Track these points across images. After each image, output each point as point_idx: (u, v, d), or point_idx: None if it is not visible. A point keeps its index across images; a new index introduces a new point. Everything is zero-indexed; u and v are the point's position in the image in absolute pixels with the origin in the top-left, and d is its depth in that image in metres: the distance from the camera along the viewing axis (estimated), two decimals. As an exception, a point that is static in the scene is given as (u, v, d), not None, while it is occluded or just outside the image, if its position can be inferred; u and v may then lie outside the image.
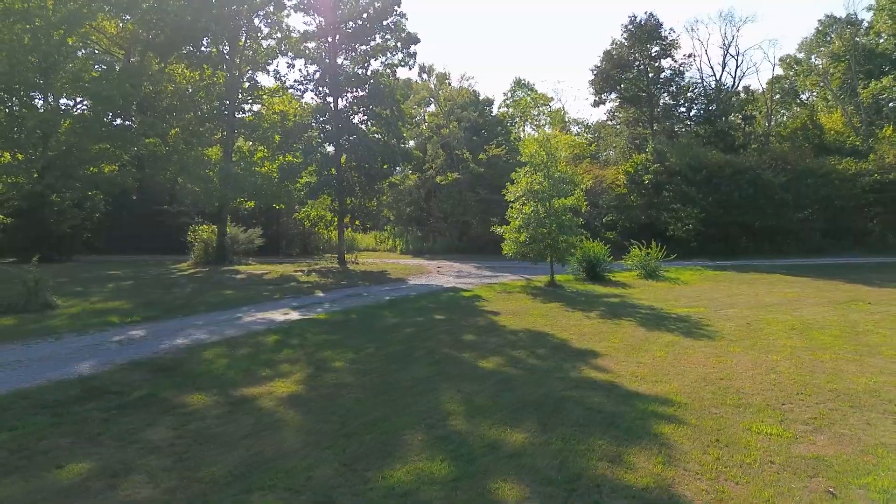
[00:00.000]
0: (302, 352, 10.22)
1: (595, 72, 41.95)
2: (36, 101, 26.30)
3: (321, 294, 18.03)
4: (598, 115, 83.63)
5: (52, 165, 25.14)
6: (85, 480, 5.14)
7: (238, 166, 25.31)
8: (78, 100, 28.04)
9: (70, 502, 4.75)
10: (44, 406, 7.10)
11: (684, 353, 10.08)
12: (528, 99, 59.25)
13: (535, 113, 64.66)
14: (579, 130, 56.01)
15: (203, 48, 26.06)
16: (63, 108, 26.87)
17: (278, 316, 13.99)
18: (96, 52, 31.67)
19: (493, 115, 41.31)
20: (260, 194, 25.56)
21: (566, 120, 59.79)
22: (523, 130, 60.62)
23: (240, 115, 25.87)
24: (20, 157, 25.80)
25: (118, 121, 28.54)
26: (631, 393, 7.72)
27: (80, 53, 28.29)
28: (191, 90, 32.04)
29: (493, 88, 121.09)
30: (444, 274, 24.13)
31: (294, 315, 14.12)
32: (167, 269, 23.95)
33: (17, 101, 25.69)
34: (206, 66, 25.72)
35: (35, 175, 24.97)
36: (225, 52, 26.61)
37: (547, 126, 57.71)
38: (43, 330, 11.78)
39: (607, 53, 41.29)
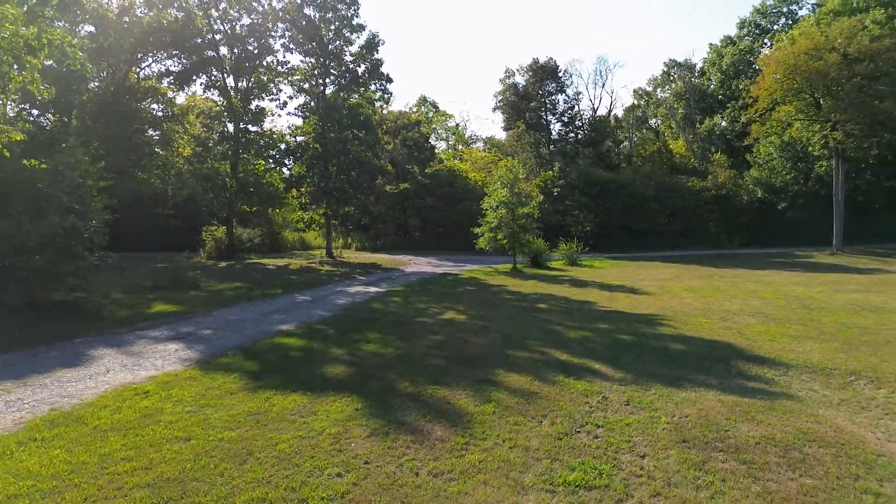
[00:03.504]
0: (428, 304, 16.46)
1: (503, 101, 50.21)
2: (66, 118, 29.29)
3: (363, 277, 23.84)
4: (500, 132, 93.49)
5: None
6: (448, 338, 11.39)
7: (251, 177, 30.09)
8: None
9: (451, 342, 11.03)
10: (352, 323, 12.98)
11: (640, 300, 17.54)
12: (437, 116, 66.65)
13: (439, 129, 72.34)
14: (484, 147, 63.95)
15: (213, 76, 30.46)
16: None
17: (365, 289, 19.86)
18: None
19: (421, 132, 48.03)
20: (268, 201, 30.45)
21: (467, 137, 67.80)
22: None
23: (245, 136, 30.44)
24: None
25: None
26: (635, 313, 14.91)
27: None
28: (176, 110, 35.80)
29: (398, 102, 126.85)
30: (420, 265, 30.45)
31: (376, 288, 20.03)
32: (197, 264, 28.23)
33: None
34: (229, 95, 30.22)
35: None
36: (228, 81, 31.13)
37: (453, 141, 65.66)
38: (236, 298, 16.91)
39: (514, 87, 49.64)
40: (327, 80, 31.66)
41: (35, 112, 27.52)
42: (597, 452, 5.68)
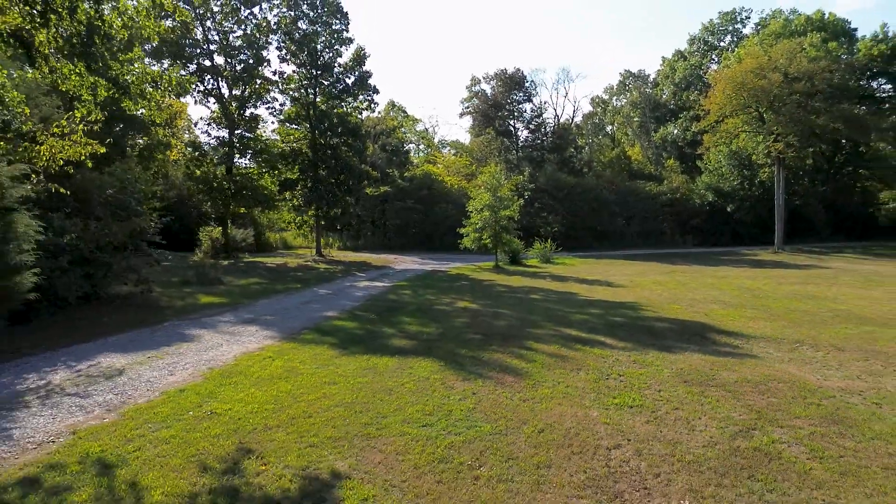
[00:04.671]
0: (437, 296, 18.56)
1: (473, 108, 52.66)
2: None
3: (362, 274, 25.69)
4: (465, 136, 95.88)
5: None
6: (472, 321, 13.54)
7: (248, 181, 31.54)
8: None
9: (477, 324, 13.19)
10: (382, 310, 15.00)
11: (617, 292, 20.04)
12: (406, 121, 68.56)
13: (408, 133, 74.28)
14: (454, 151, 66.21)
15: (210, 85, 31.81)
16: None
17: (371, 284, 21.76)
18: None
19: (398, 138, 49.99)
20: (264, 203, 31.98)
21: (437, 142, 69.98)
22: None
23: (240, 141, 31.89)
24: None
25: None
26: (616, 301, 17.36)
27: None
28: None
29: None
30: (406, 264, 32.37)
31: (381, 283, 21.96)
32: (198, 262, 29.55)
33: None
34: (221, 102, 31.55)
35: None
36: (223, 89, 32.50)
37: (423, 146, 67.82)
38: (265, 292, 18.61)
39: (484, 95, 52.11)
40: (318, 90, 33.36)
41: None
42: (626, 389, 7.94)
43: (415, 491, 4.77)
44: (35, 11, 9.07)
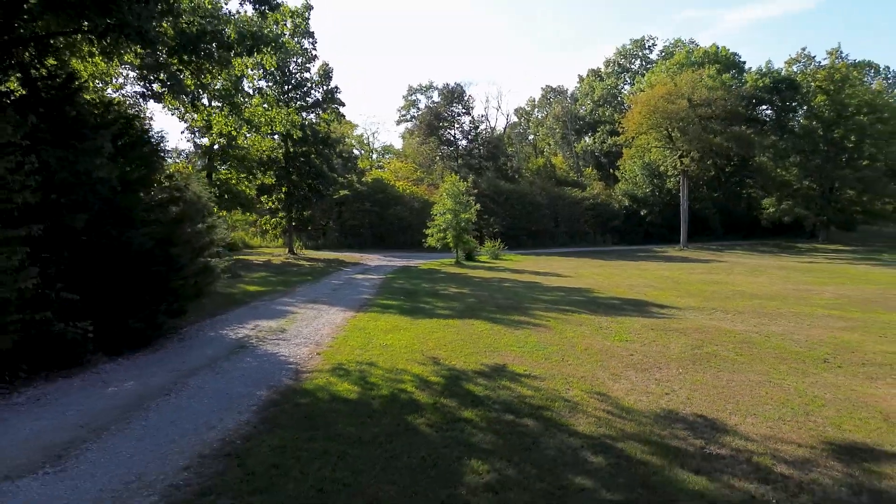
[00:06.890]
0: (431, 284, 22.34)
1: (419, 118, 56.57)
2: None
3: (349, 269, 28.91)
4: (400, 142, 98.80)
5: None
6: (478, 300, 17.48)
7: (231, 185, 33.87)
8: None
9: (484, 302, 17.17)
10: (402, 293, 18.63)
11: (568, 280, 24.60)
12: (346, 128, 71.42)
13: (347, 138, 76.98)
14: (390, 156, 69.74)
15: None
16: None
17: (365, 276, 25.18)
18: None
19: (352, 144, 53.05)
20: (245, 206, 34.43)
21: (380, 148, 73.32)
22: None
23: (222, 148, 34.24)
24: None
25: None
26: (572, 287, 21.82)
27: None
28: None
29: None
30: (375, 261, 35.62)
31: (374, 275, 25.38)
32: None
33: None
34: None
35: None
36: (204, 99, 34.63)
37: (365, 152, 70.96)
38: (287, 283, 21.65)
39: (427, 107, 56.17)
40: (290, 104, 36.14)
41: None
42: (617, 333, 12.17)
43: (543, 367, 8.75)
44: (189, 71, 12.28)
